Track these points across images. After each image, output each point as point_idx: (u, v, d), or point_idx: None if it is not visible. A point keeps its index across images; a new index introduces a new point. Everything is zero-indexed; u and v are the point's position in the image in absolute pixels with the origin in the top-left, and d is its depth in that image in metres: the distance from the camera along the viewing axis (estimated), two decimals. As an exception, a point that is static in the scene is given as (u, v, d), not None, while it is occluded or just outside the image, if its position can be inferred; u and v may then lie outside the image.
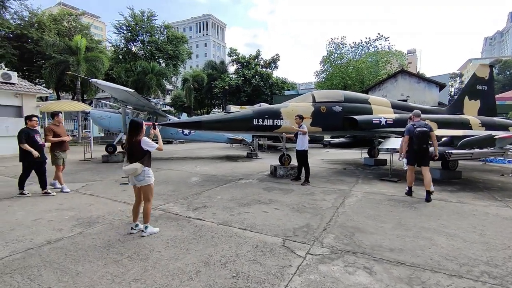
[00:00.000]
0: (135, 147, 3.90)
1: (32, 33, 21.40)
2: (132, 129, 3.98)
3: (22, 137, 5.59)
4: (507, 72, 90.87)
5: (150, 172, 3.98)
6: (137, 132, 3.96)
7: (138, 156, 3.88)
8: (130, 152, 3.96)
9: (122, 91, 8.87)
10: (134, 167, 3.81)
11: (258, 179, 8.11)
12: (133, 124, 4.02)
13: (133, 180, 3.93)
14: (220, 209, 5.13)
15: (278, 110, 8.09)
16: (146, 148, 3.94)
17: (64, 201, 5.54)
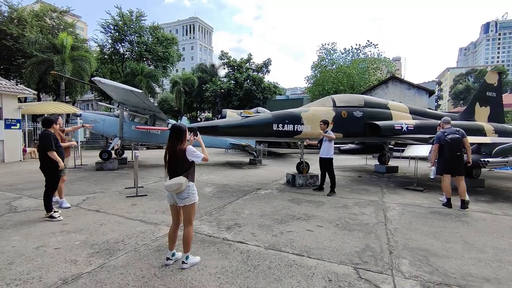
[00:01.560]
0: (178, 158, 3.15)
1: (11, 29, 19.75)
2: (175, 135, 3.22)
3: (52, 142, 4.66)
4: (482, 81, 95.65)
5: (194, 188, 3.24)
6: (180, 139, 3.22)
7: (182, 169, 3.14)
8: (172, 163, 3.21)
9: (128, 92, 7.99)
10: (179, 181, 3.05)
11: (277, 189, 7.47)
12: (175, 130, 3.27)
13: (174, 198, 3.19)
14: (256, 227, 4.44)
15: (298, 114, 7.51)
16: (191, 159, 3.20)
17: (68, 220, 4.65)
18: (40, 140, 4.80)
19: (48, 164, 4.70)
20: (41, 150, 4.74)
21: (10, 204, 5.53)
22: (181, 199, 3.12)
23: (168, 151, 3.25)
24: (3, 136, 12.47)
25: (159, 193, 6.70)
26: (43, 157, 4.71)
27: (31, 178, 8.46)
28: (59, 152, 4.82)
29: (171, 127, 3.35)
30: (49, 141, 4.63)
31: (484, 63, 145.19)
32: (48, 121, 4.93)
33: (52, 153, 4.61)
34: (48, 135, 4.70)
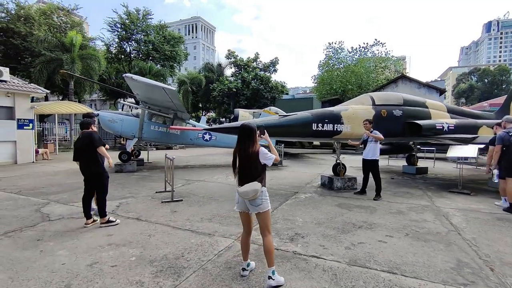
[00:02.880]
0: (251, 161, 2.83)
1: (19, 27, 19.29)
2: (246, 136, 2.90)
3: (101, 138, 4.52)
4: (485, 80, 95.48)
5: (267, 194, 2.90)
6: (252, 140, 2.90)
7: (255, 173, 2.83)
8: (246, 168, 2.86)
9: (157, 90, 7.53)
10: (256, 187, 2.74)
11: (316, 192, 7.03)
12: (246, 130, 2.93)
13: (245, 205, 2.87)
14: (320, 238, 4.00)
15: (338, 113, 7.07)
16: (263, 162, 2.85)
17: (110, 230, 4.21)
18: (84, 140, 4.37)
19: (97, 167, 4.45)
20: (86, 152, 4.37)
21: (40, 211, 5.09)
22: (254, 206, 2.81)
23: (238, 154, 2.90)
24: (16, 137, 12.04)
25: (193, 198, 6.26)
26: (91, 160, 4.38)
27: (51, 181, 8.03)
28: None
29: (241, 127, 2.96)
30: (98, 137, 4.44)
31: (486, 62, 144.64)
32: (87, 123, 4.52)
33: (101, 149, 4.37)
34: (94, 133, 4.47)
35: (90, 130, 4.47)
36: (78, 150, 4.43)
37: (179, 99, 8.60)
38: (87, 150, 4.35)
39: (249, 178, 2.79)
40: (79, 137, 4.54)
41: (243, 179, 2.83)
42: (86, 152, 4.36)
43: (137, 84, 7.52)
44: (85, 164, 4.40)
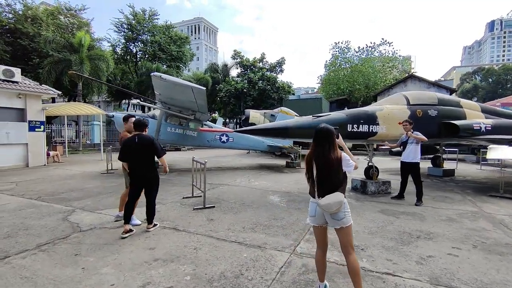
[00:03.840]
0: (331, 168, 2.45)
1: (27, 28, 19.01)
2: (325, 140, 2.51)
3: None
4: (490, 80, 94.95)
5: (348, 206, 2.51)
6: (332, 144, 2.52)
7: (337, 182, 2.47)
8: (326, 176, 2.46)
9: (184, 90, 7.18)
10: (339, 199, 2.39)
11: (350, 197, 6.66)
12: (325, 132, 2.53)
13: (324, 218, 2.50)
14: (383, 250, 3.64)
15: (373, 113, 6.70)
16: (345, 169, 2.51)
17: (150, 241, 3.85)
18: (144, 143, 4.10)
19: (154, 171, 4.27)
20: (144, 156, 4.12)
21: (68, 219, 4.74)
22: (336, 220, 2.44)
23: (315, 161, 2.50)
24: (28, 139, 11.73)
25: (225, 204, 5.90)
26: (149, 165, 4.16)
27: (70, 186, 7.69)
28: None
29: (319, 130, 2.56)
30: (159, 145, 4.30)
31: (489, 62, 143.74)
32: (143, 124, 4.24)
33: (164, 160, 4.26)
34: (154, 140, 4.27)
35: (146, 133, 4.25)
36: (134, 152, 4.11)
37: (205, 99, 8.26)
38: (145, 155, 4.10)
39: (330, 187, 2.43)
40: (132, 138, 4.13)
41: (323, 189, 2.44)
42: (144, 156, 4.11)
43: (163, 83, 7.18)
44: (141, 168, 4.14)
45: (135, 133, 4.20)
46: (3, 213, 5.08)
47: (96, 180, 8.60)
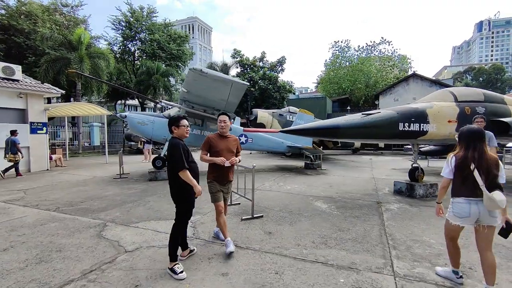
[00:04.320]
0: (491, 169, 2.54)
1: (21, 24, 17.93)
2: (478, 141, 2.62)
3: (183, 157, 3.02)
4: (480, 79, 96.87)
5: None
6: (485, 144, 2.64)
7: (496, 181, 2.53)
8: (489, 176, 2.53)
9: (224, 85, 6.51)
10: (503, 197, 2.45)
11: (400, 202, 6.15)
12: (477, 134, 2.65)
13: (478, 217, 2.55)
14: (494, 270, 3.09)
15: (424, 111, 6.19)
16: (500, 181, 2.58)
17: (216, 264, 3.21)
18: (168, 152, 3.28)
19: (178, 190, 3.12)
20: (169, 169, 3.25)
21: (103, 236, 4.06)
22: (494, 217, 2.53)
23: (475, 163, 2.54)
24: (29, 142, 10.85)
25: (271, 213, 5.30)
26: (173, 180, 3.16)
27: (86, 193, 6.95)
28: (192, 169, 3.16)
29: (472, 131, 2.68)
30: (178, 155, 2.99)
31: (478, 61, 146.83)
32: (169, 124, 3.25)
33: (185, 173, 3.01)
34: (177, 145, 3.06)
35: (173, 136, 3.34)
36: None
37: (240, 96, 7.62)
38: (169, 169, 3.29)
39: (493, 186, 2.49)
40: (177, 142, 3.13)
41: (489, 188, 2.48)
42: (168, 170, 3.35)
43: (201, 78, 6.50)
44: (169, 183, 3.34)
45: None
46: (24, 229, 4.36)
47: (112, 187, 7.86)
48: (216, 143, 3.67)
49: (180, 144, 3.08)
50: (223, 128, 3.73)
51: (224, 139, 3.75)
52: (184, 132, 3.21)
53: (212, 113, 8.82)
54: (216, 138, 3.73)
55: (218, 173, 3.67)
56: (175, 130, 3.18)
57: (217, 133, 3.82)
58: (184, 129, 3.20)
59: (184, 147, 3.11)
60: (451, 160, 2.68)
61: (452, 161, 2.67)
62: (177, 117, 3.23)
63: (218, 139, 3.71)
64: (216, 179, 3.70)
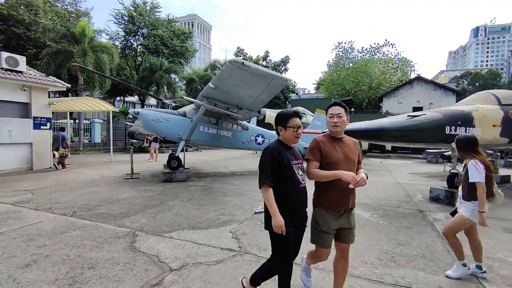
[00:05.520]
0: None
1: (22, 15, 17.18)
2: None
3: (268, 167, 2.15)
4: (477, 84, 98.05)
5: None
6: None
7: None
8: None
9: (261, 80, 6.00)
10: None
11: (442, 210, 5.74)
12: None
13: None
14: None
15: (470, 113, 5.82)
16: None
17: None
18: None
19: (266, 213, 2.24)
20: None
21: (138, 249, 3.55)
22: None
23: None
24: (32, 138, 10.22)
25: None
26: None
27: (99, 196, 6.41)
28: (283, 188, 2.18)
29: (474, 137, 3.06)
30: (263, 165, 2.17)
31: (474, 66, 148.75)
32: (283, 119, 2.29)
33: (265, 192, 2.12)
34: (267, 151, 2.22)
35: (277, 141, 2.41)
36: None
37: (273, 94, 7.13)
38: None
39: None
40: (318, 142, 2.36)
41: None
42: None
43: (238, 72, 5.98)
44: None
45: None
46: (43, 239, 3.82)
47: (126, 188, 7.32)
48: (329, 149, 2.32)
49: (272, 151, 2.19)
50: (336, 127, 2.34)
51: (339, 142, 2.39)
52: (292, 136, 2.25)
53: (235, 111, 8.32)
54: (327, 141, 2.37)
55: (333, 197, 2.30)
56: (281, 132, 2.30)
57: (326, 134, 2.48)
58: (292, 132, 2.23)
59: (280, 155, 2.17)
60: (479, 165, 2.86)
61: (480, 166, 2.85)
62: (286, 114, 2.30)
63: (331, 143, 2.36)
64: (328, 206, 2.32)
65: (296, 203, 2.24)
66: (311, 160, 2.32)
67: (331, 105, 2.47)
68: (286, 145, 2.30)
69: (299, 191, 2.26)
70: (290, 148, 2.32)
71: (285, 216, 2.12)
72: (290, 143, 2.31)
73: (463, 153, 3.15)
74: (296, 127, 2.25)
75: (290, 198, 2.21)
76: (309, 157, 2.34)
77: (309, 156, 2.35)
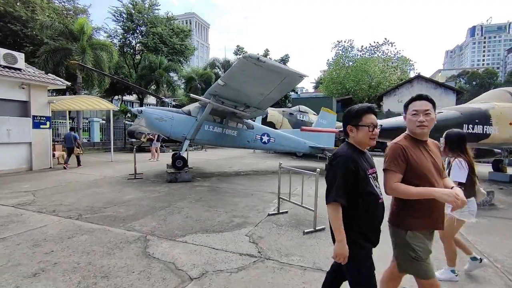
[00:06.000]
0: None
1: (19, 11, 16.79)
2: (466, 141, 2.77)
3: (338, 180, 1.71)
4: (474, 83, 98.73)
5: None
6: None
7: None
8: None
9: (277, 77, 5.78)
10: None
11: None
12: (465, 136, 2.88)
13: None
14: None
15: (487, 111, 5.67)
16: None
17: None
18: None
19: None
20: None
21: (152, 255, 3.34)
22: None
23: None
24: (31, 138, 9.94)
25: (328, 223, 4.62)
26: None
27: (104, 197, 6.18)
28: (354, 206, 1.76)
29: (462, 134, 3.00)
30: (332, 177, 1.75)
31: (470, 66, 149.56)
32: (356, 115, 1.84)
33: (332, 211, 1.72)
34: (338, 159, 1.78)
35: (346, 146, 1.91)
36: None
37: (285, 92, 6.93)
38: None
39: None
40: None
41: None
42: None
43: (252, 68, 5.76)
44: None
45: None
46: (49, 244, 3.60)
47: (131, 189, 7.09)
48: (418, 157, 1.85)
49: (345, 159, 1.74)
50: (423, 127, 1.85)
51: (423, 145, 1.93)
52: (367, 138, 1.79)
53: (242, 109, 8.11)
54: (412, 146, 1.88)
55: (429, 218, 1.87)
56: (351, 133, 1.84)
57: (406, 135, 1.96)
58: (366, 132, 1.77)
59: (355, 165, 1.73)
60: (463, 165, 2.76)
61: (465, 166, 2.76)
62: (359, 110, 1.81)
63: (417, 149, 1.88)
64: (425, 228, 1.88)
65: (374, 224, 1.80)
66: (394, 171, 1.81)
67: (414, 98, 1.93)
68: (359, 149, 1.85)
69: (378, 208, 1.80)
70: (363, 154, 1.86)
71: (357, 236, 1.75)
72: (364, 146, 1.86)
73: (450, 150, 3.00)
74: (371, 125, 1.77)
75: (368, 219, 1.77)
76: (391, 167, 1.82)
77: (390, 165, 1.83)
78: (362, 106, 1.84)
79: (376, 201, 1.79)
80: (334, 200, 1.69)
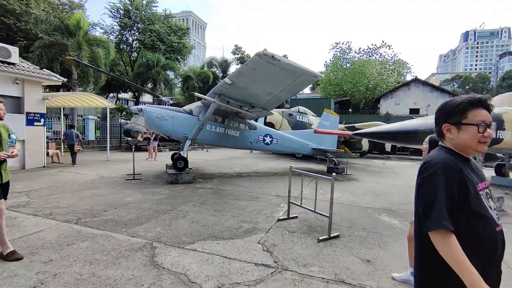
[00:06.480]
0: None
1: (12, 5, 16.28)
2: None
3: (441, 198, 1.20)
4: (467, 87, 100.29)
5: None
6: None
7: None
8: None
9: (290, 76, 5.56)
10: None
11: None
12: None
13: None
14: None
15: (500, 115, 5.56)
16: None
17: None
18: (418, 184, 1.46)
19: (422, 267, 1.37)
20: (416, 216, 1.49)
21: (161, 266, 3.10)
22: None
23: None
24: (25, 135, 9.54)
25: (342, 230, 4.44)
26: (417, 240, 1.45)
27: (103, 200, 5.88)
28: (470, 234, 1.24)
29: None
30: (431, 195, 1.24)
31: (463, 70, 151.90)
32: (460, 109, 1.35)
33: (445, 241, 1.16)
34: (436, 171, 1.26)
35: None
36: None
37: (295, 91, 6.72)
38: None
39: None
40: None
41: None
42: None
43: (265, 66, 5.52)
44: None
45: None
46: (47, 252, 3.33)
47: (130, 190, 6.80)
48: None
49: (445, 168, 1.25)
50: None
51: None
52: (475, 141, 1.28)
53: (247, 109, 7.88)
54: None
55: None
56: (449, 134, 1.36)
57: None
58: (475, 134, 1.27)
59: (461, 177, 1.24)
60: None
61: None
62: (462, 103, 1.31)
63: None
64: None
65: (492, 260, 1.26)
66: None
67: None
68: (463, 156, 1.34)
69: (496, 238, 1.27)
70: (468, 162, 1.35)
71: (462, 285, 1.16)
72: (469, 152, 1.35)
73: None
74: (483, 124, 1.27)
75: (482, 255, 1.22)
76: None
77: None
78: (468, 98, 1.31)
79: (494, 229, 1.26)
80: (440, 225, 1.16)
